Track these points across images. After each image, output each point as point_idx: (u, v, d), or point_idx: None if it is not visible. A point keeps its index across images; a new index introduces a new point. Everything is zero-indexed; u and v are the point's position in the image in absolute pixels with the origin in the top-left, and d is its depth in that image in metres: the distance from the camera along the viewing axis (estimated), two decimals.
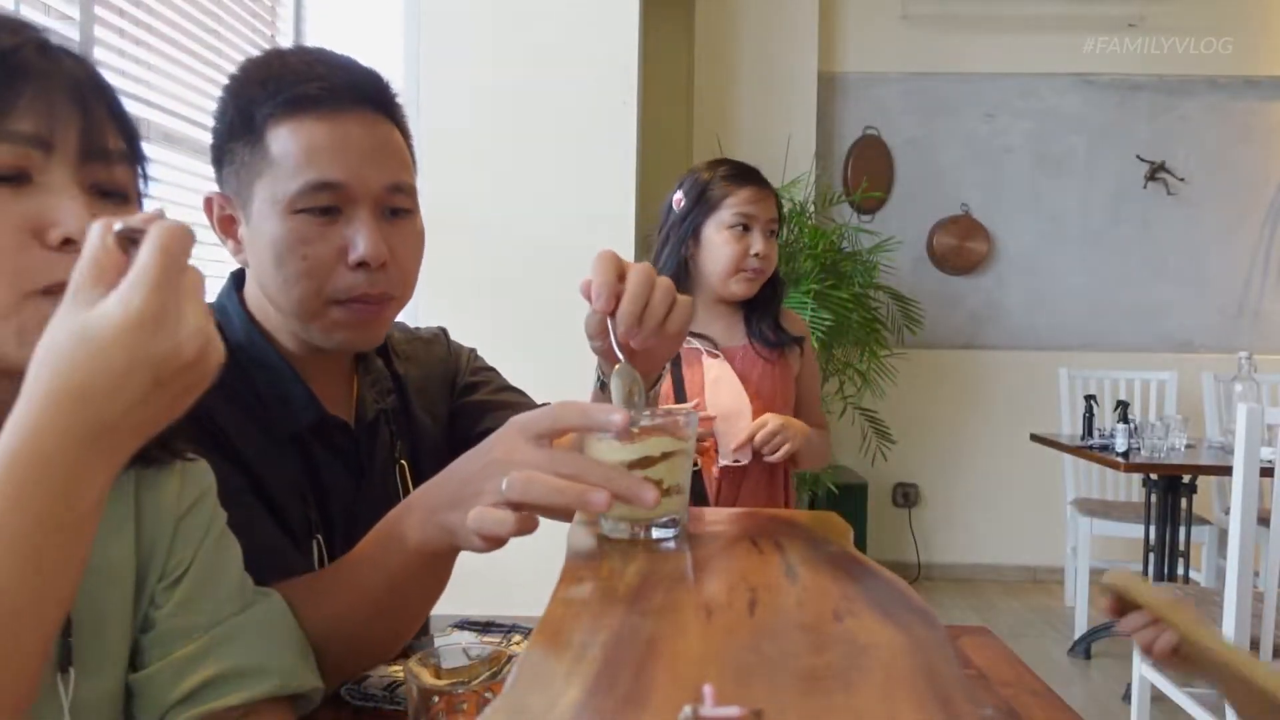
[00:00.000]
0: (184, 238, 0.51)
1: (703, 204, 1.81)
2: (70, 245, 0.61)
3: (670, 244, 1.83)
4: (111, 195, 0.65)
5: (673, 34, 4.32)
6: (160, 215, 0.53)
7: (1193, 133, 4.50)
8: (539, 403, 1.20)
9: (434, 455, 1.12)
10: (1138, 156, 4.51)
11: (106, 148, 0.65)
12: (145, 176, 0.69)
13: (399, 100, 0.98)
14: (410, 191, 0.96)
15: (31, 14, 1.70)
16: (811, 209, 4.17)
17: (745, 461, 1.77)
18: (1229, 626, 2.08)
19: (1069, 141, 4.54)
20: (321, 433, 0.99)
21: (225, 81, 0.96)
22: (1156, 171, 4.50)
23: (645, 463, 0.72)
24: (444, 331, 1.24)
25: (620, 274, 0.82)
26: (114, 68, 1.93)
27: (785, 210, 1.91)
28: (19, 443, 0.49)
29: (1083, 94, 4.52)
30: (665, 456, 0.73)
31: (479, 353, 1.25)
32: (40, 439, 0.49)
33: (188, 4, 2.18)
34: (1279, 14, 4.48)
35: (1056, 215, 4.56)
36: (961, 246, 4.54)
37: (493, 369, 1.24)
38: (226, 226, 0.96)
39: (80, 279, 0.51)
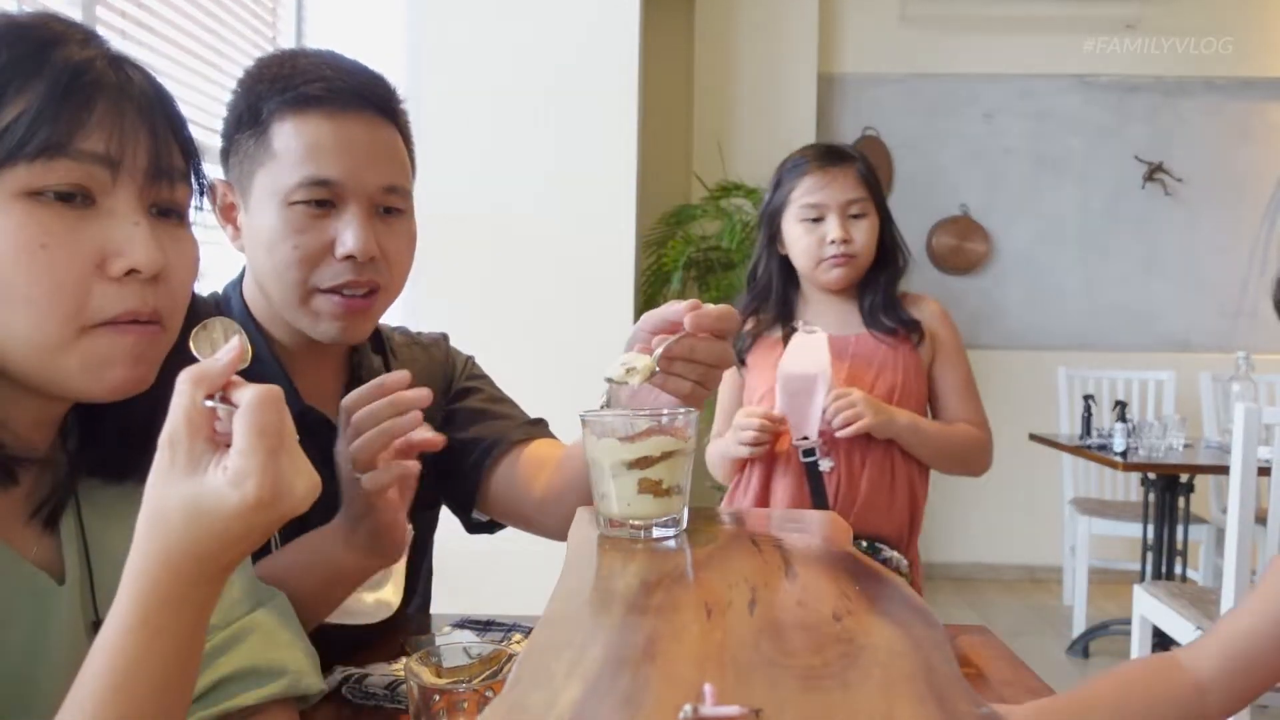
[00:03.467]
0: (276, 408, 0.53)
1: (776, 199, 1.76)
2: (133, 275, 0.60)
3: (761, 245, 1.79)
4: (169, 214, 0.64)
5: (673, 34, 4.32)
6: (242, 384, 0.53)
7: (1191, 133, 4.51)
8: (530, 417, 1.20)
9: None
10: (1136, 157, 4.51)
11: (172, 167, 0.63)
12: (202, 193, 0.68)
13: (404, 106, 1.01)
14: (405, 194, 1.00)
15: None
16: None
17: (812, 438, 1.62)
18: None
19: (1067, 142, 4.54)
20: (301, 426, 1.00)
21: (232, 81, 1.00)
22: (1154, 172, 4.50)
23: (644, 463, 0.72)
24: (445, 338, 1.26)
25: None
26: None
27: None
28: (148, 592, 0.53)
29: (1081, 95, 4.52)
30: (665, 456, 0.73)
31: (476, 360, 1.26)
32: (166, 587, 0.53)
33: (189, 4, 2.18)
34: (1278, 14, 4.48)
35: (1055, 215, 4.56)
36: (960, 247, 4.54)
37: (487, 377, 1.25)
38: (227, 213, 1.00)
39: (177, 434, 0.52)
